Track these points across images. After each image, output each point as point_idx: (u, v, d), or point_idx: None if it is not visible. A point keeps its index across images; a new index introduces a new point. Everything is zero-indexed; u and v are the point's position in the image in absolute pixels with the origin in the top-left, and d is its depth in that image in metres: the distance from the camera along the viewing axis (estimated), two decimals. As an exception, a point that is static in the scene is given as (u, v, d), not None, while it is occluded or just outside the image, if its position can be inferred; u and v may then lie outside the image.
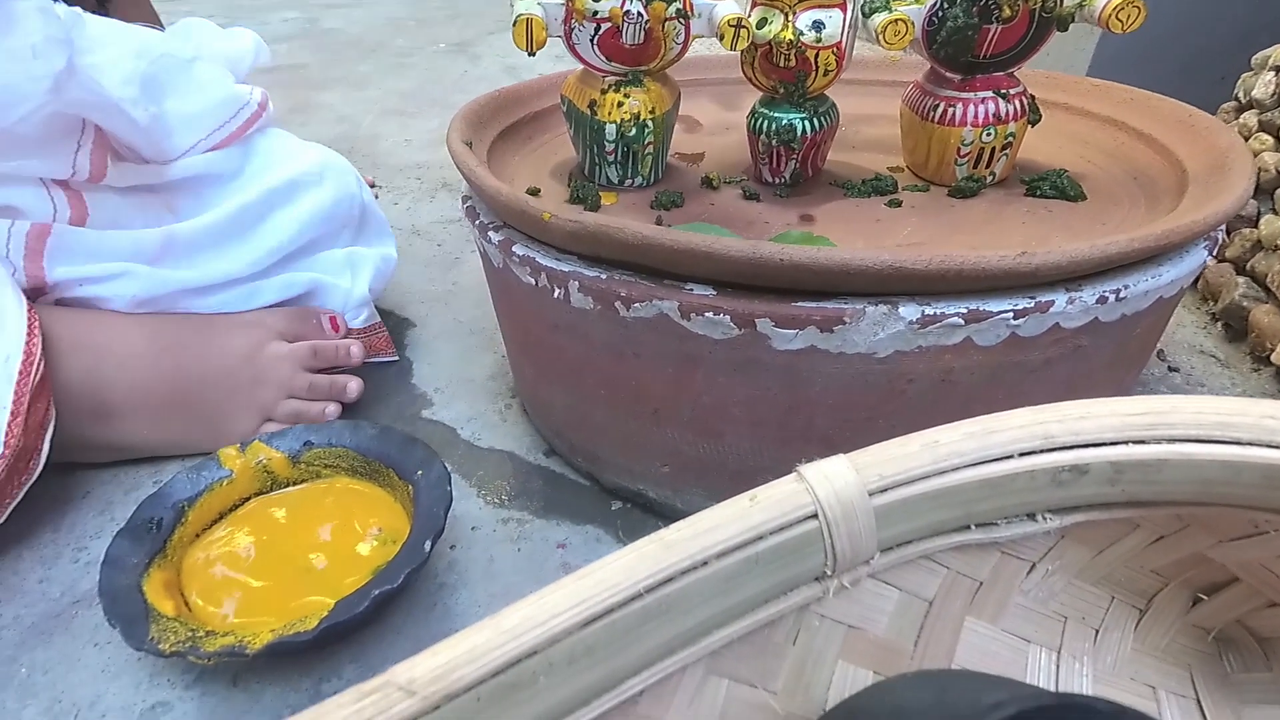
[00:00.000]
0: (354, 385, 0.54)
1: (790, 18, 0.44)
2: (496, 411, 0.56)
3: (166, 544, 0.40)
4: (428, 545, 0.38)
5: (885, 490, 0.21)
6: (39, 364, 0.43)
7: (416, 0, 1.99)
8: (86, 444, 0.49)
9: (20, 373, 0.42)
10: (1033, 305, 0.33)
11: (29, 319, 0.44)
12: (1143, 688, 0.26)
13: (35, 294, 0.48)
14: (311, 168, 0.57)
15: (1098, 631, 0.26)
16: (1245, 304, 0.60)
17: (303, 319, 0.55)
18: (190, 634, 0.34)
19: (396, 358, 0.61)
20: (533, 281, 0.41)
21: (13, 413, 0.41)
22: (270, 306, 0.55)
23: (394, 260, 0.63)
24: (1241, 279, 0.62)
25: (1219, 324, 0.64)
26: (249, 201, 0.53)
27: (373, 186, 0.90)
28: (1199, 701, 0.26)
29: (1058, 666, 0.26)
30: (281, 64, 1.45)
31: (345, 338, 0.57)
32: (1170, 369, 0.59)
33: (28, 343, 0.43)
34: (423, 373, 0.60)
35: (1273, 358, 0.56)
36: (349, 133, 1.10)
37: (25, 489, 0.43)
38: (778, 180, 0.50)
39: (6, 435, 0.41)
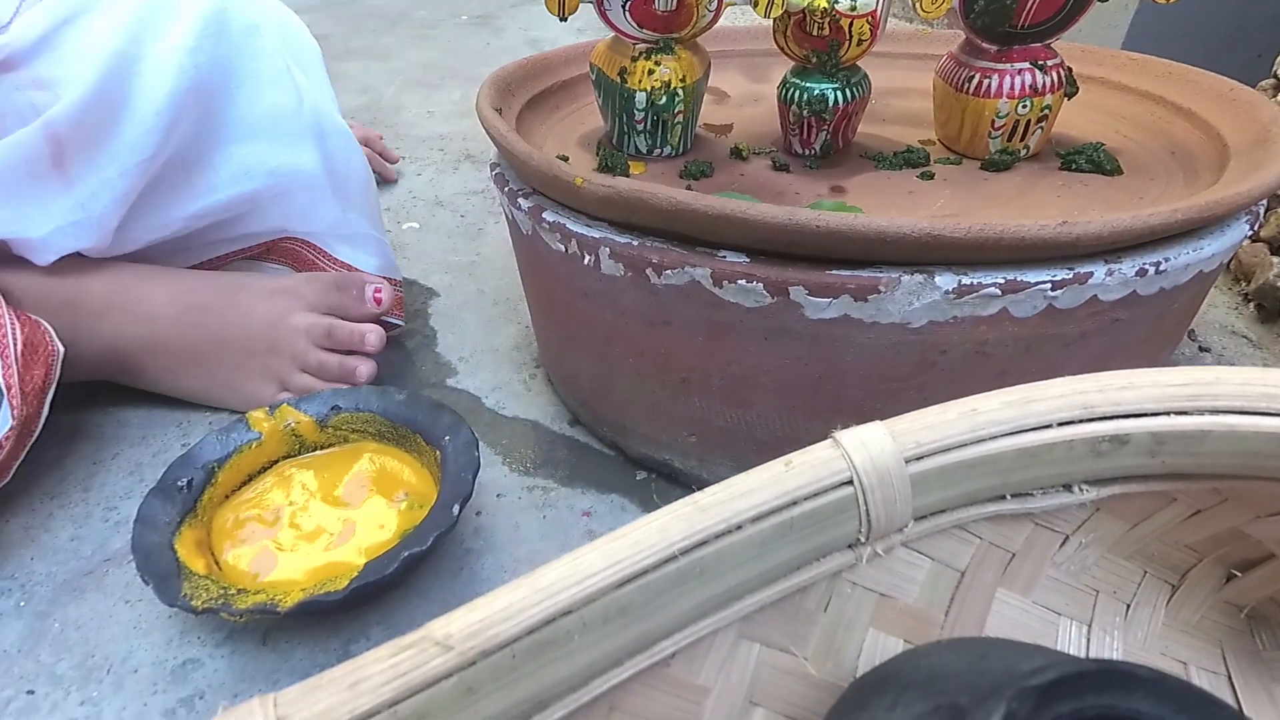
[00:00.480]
0: (364, 369, 0.51)
1: (825, -16, 0.43)
2: (521, 381, 0.56)
3: (197, 504, 0.41)
4: (456, 509, 0.38)
5: (921, 458, 0.21)
6: (16, 339, 0.42)
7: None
8: (118, 383, 0.52)
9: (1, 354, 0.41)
10: (1071, 276, 0.33)
11: None
12: (1173, 663, 0.26)
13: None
14: None
15: (1129, 606, 0.26)
16: (1279, 284, 0.59)
17: (341, 289, 0.52)
18: (222, 592, 0.35)
19: (403, 324, 0.59)
20: (562, 248, 0.40)
21: (7, 386, 0.41)
22: (248, 227, 0.52)
23: (348, 133, 0.56)
24: (1276, 259, 0.61)
25: (1251, 305, 0.63)
26: (119, 46, 0.43)
27: (395, 162, 0.90)
28: (1230, 678, 0.26)
29: (1088, 640, 0.26)
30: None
31: (388, 312, 0.54)
32: (1201, 349, 0.59)
33: None
34: (447, 342, 0.61)
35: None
36: (372, 104, 1.10)
37: (27, 449, 0.43)
38: (808, 151, 0.49)
39: (12, 410, 0.41)
